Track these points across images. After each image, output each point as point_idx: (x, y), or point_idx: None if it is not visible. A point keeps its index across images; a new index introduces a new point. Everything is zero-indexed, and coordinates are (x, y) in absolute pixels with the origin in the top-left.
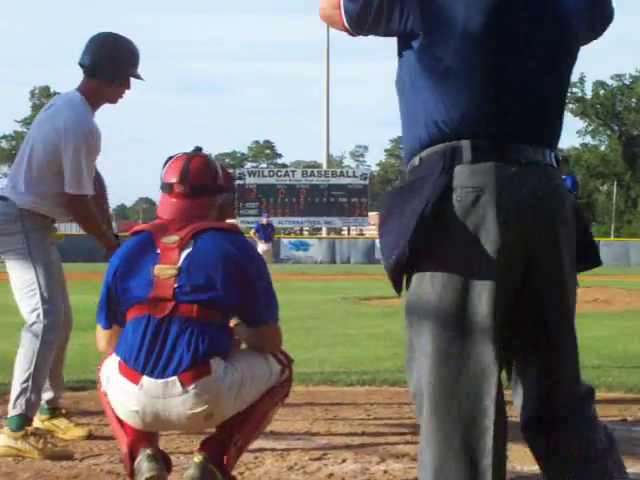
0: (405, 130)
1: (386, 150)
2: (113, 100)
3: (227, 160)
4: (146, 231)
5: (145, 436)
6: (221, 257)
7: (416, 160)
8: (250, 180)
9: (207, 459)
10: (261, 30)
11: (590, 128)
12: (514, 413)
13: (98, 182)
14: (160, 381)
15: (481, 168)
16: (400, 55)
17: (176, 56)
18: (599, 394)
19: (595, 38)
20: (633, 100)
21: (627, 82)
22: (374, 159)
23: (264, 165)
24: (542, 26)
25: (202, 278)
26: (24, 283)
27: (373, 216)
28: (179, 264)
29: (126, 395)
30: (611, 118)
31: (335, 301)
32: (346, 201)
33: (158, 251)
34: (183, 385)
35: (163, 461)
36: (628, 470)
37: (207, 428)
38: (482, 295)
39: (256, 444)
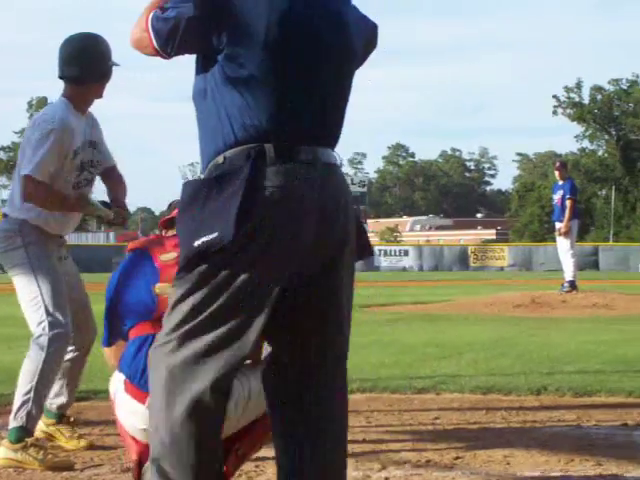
0: (206, 134)
1: (384, 157)
2: (101, 95)
3: None
4: (143, 248)
5: None
6: None
7: (220, 159)
8: None
9: None
10: None
11: (588, 133)
12: (513, 418)
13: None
14: None
15: (279, 169)
16: (201, 67)
17: (178, 65)
18: (599, 399)
19: (364, 59)
20: (630, 104)
21: (624, 87)
22: (372, 166)
23: None
24: (332, 41)
25: None
26: (28, 296)
27: (372, 223)
28: None
29: (134, 414)
30: (609, 123)
31: None
32: None
33: (157, 268)
34: None
35: None
36: (629, 475)
37: None
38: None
39: (258, 452)
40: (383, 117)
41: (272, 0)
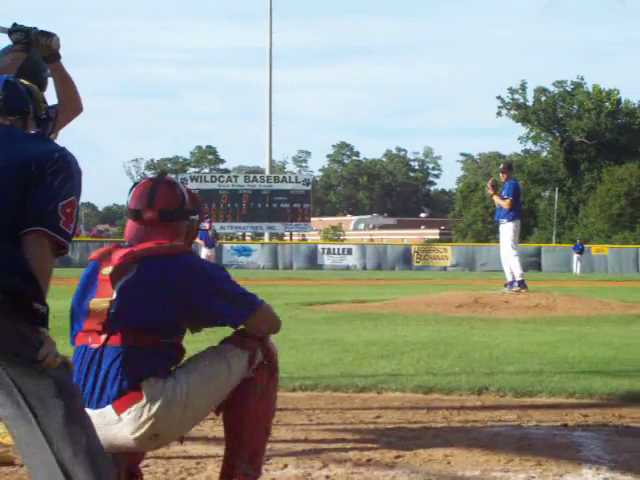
0: None
1: (328, 156)
2: None
3: (169, 165)
4: (97, 259)
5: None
6: (164, 279)
7: None
8: (192, 185)
9: None
10: (205, 36)
11: (532, 134)
12: (454, 418)
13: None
14: (97, 411)
15: None
16: None
17: (120, 61)
18: (540, 399)
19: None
20: (574, 107)
21: (569, 89)
22: (316, 165)
23: (206, 170)
24: None
25: (135, 306)
26: None
27: (315, 221)
28: (113, 296)
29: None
30: (553, 124)
31: (278, 306)
32: (288, 206)
33: (97, 283)
34: (117, 413)
35: (135, 471)
36: (569, 475)
37: (163, 446)
38: None
39: (198, 449)
40: (328, 116)
41: None
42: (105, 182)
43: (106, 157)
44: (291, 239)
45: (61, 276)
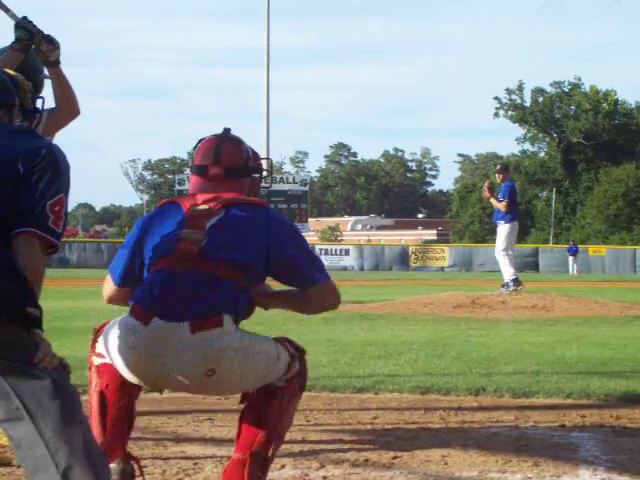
0: None
1: (326, 156)
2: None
3: (167, 166)
4: (174, 200)
5: (120, 439)
6: (251, 225)
7: None
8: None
9: None
10: (203, 36)
11: (529, 135)
12: (451, 419)
13: None
14: (171, 323)
15: None
16: None
17: (117, 61)
18: (537, 400)
19: None
20: (572, 107)
21: (566, 89)
22: (314, 165)
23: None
24: None
25: (227, 242)
26: None
27: (313, 222)
28: (206, 229)
29: (132, 334)
30: (550, 125)
31: None
32: (286, 207)
33: (185, 217)
34: (192, 330)
35: (132, 471)
36: (566, 476)
37: (204, 393)
38: None
39: (196, 450)
40: (326, 116)
41: None
42: (102, 183)
43: (103, 158)
44: None
45: (57, 277)
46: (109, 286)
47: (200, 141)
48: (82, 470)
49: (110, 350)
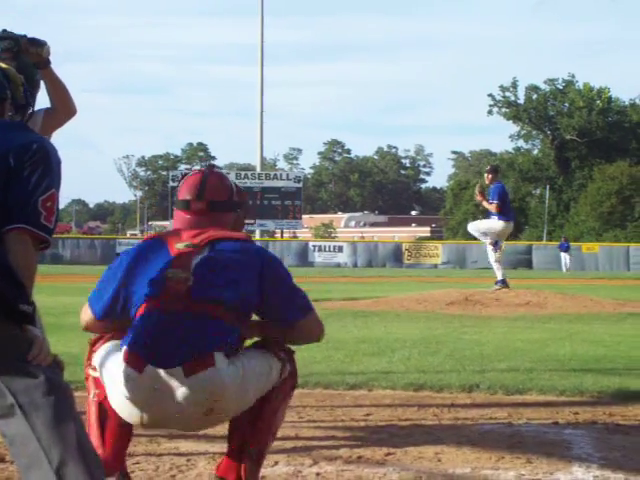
0: None
1: (320, 153)
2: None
3: (160, 162)
4: (159, 237)
5: (120, 453)
6: (239, 262)
7: None
8: None
9: None
10: (198, 33)
11: (523, 132)
12: (445, 416)
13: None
14: (163, 370)
15: None
16: None
17: (111, 58)
18: (530, 397)
19: None
20: (566, 104)
21: (560, 87)
22: (308, 162)
23: (198, 167)
24: None
25: (216, 280)
26: None
27: (307, 219)
28: (192, 268)
29: (126, 381)
30: (544, 122)
31: None
32: (280, 204)
33: (171, 255)
34: (186, 374)
35: None
36: (559, 472)
37: (204, 428)
38: None
39: (188, 446)
40: (319, 113)
41: None
42: (96, 179)
43: (97, 154)
44: (282, 236)
45: (51, 273)
46: (88, 317)
47: (184, 176)
48: (75, 466)
49: (107, 389)
